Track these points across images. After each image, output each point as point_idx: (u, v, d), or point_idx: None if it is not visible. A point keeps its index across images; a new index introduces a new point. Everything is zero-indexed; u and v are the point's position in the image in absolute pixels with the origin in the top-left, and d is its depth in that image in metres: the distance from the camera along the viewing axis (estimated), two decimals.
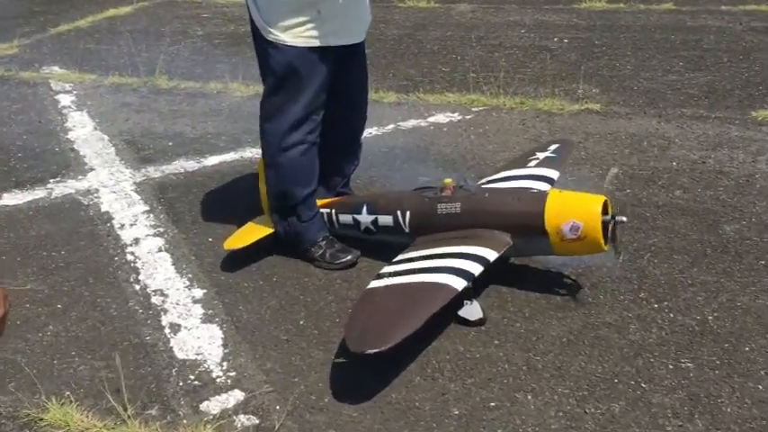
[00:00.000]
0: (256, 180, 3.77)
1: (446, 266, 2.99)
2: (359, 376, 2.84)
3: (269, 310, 3.30)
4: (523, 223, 3.16)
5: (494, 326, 3.09)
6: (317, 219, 3.63)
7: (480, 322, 3.09)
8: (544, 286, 3.33)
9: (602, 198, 3.10)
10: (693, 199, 4.10)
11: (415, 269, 3.04)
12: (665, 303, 3.18)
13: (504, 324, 3.10)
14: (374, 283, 3.03)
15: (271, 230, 3.63)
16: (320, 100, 3.44)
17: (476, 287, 3.06)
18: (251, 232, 3.64)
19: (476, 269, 2.99)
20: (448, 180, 3.38)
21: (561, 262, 3.40)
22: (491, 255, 3.08)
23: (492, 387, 2.75)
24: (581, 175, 4.36)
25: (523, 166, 3.86)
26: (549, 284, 3.34)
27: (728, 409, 2.58)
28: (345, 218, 3.63)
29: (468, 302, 3.06)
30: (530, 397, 2.70)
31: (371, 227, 3.54)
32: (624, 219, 3.08)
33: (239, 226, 3.78)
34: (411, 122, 5.36)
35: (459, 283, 2.90)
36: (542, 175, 3.70)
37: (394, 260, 3.23)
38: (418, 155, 4.83)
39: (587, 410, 2.61)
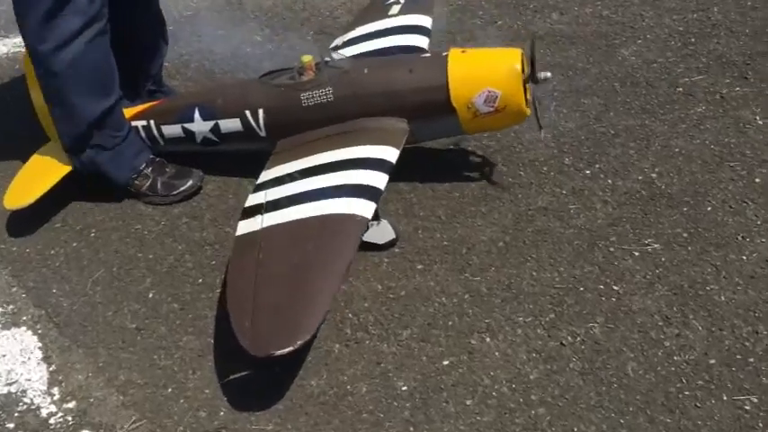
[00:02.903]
0: (25, 85, 2.64)
1: (342, 185, 2.16)
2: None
3: (97, 285, 2.35)
4: (422, 101, 2.36)
5: (408, 243, 2.37)
6: (131, 138, 2.61)
7: (392, 243, 2.36)
8: (448, 172, 2.63)
9: (517, 51, 2.36)
10: (575, 21, 3.48)
11: (298, 196, 2.19)
12: (597, 167, 2.61)
13: (421, 238, 2.39)
14: (245, 227, 2.16)
15: (67, 168, 2.57)
16: None
17: None
18: (38, 176, 2.55)
19: (380, 180, 2.20)
20: (307, 58, 2.46)
21: (459, 137, 2.68)
22: (392, 154, 2.29)
23: (437, 336, 2.08)
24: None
25: (383, 16, 2.99)
26: (453, 168, 2.65)
27: (722, 297, 2.10)
28: (172, 129, 2.63)
29: (375, 223, 2.29)
30: (488, 339, 2.06)
31: (212, 136, 2.58)
32: (548, 74, 2.37)
33: (19, 165, 2.68)
34: None
35: (368, 207, 2.11)
36: (415, 26, 2.87)
37: (260, 181, 2.35)
38: (233, 15, 3.76)
39: (564, 341, 2.03)
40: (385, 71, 2.42)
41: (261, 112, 2.49)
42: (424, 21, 2.92)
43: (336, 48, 2.93)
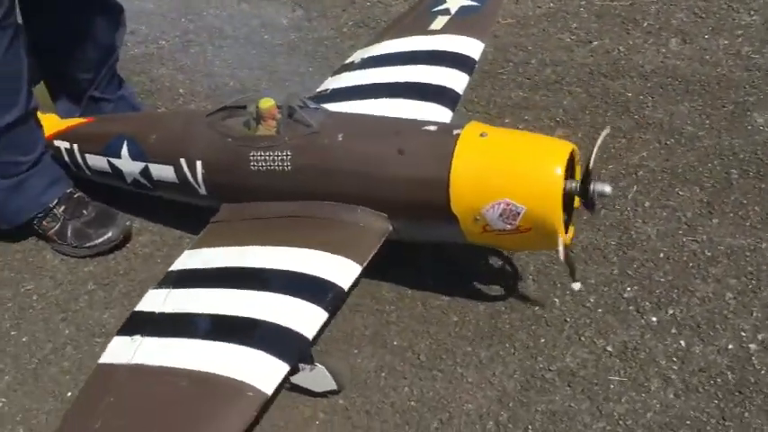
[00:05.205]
0: None
1: (256, 321, 1.45)
2: None
3: None
4: (410, 198, 1.60)
5: (359, 394, 1.64)
6: (44, 165, 1.98)
7: (333, 392, 1.64)
8: (456, 275, 1.86)
9: (566, 148, 1.53)
10: (699, 57, 2.53)
11: (191, 321, 1.50)
12: (670, 313, 1.75)
13: (380, 388, 1.65)
14: (115, 349, 1.50)
15: None
16: None
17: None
18: None
19: (314, 320, 1.47)
20: (267, 102, 1.72)
21: None
22: (348, 274, 1.55)
23: None
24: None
25: (422, 29, 2.19)
26: (465, 267, 1.87)
27: None
28: (97, 161, 1.98)
29: (307, 367, 1.58)
30: None
31: (143, 180, 1.92)
32: (606, 189, 1.53)
33: None
34: None
35: (274, 374, 1.39)
36: (456, 54, 2.07)
37: (174, 268, 1.68)
38: None
39: None
40: (366, 144, 1.65)
41: (199, 164, 1.79)
42: (472, 47, 2.11)
43: (350, 67, 2.17)
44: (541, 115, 2.37)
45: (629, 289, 1.82)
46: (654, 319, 1.76)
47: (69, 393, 1.69)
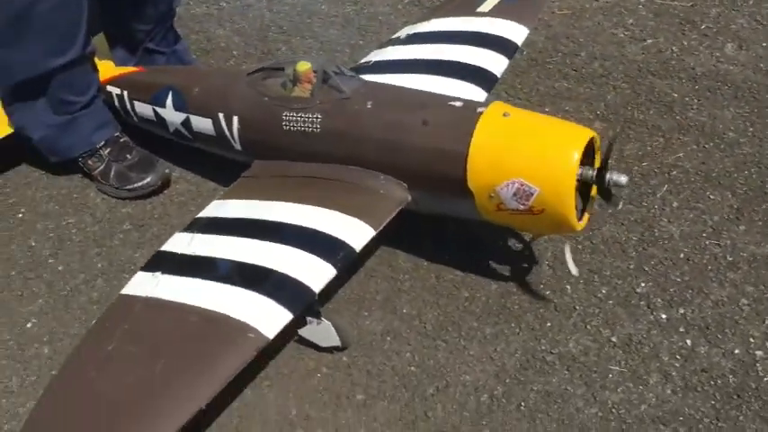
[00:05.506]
0: None
1: (268, 270, 1.53)
2: None
3: None
4: (429, 169, 1.64)
5: (363, 354, 1.71)
6: (95, 108, 2.09)
7: (337, 349, 1.71)
8: (472, 249, 1.90)
9: (584, 134, 1.55)
10: (754, 64, 2.49)
11: (209, 265, 1.58)
12: (680, 312, 1.75)
13: (383, 351, 1.71)
14: (137, 283, 1.60)
15: (7, 131, 2.10)
16: None
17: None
18: None
19: (322, 275, 1.54)
20: (303, 66, 1.78)
21: None
22: (362, 236, 1.61)
23: None
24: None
25: (469, 11, 2.22)
26: (483, 243, 1.91)
27: None
28: (144, 109, 2.08)
29: (314, 321, 1.65)
30: None
31: (183, 130, 2.01)
32: (623, 180, 1.55)
33: None
34: None
35: (277, 320, 1.46)
36: (499, 38, 2.09)
37: (202, 214, 1.78)
38: None
39: None
40: (392, 113, 1.69)
41: (236, 120, 1.87)
42: (517, 32, 2.13)
43: (395, 42, 2.22)
44: (582, 107, 2.37)
45: (642, 284, 1.83)
46: (663, 316, 1.76)
47: (94, 321, 1.80)
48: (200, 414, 1.35)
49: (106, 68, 2.17)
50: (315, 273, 1.53)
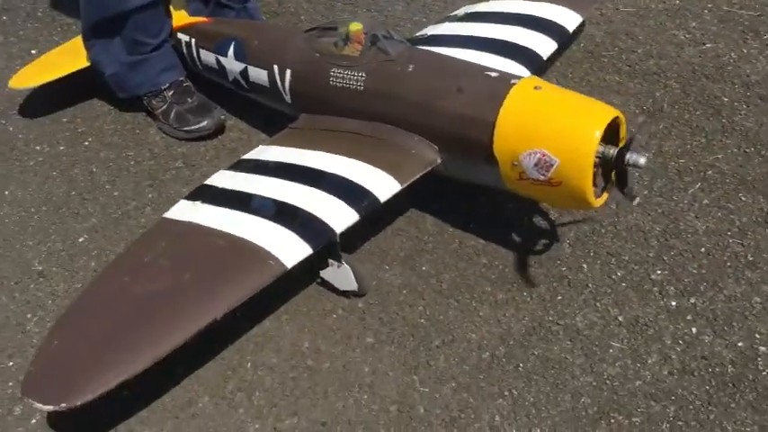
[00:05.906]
0: None
1: (295, 208, 1.65)
2: None
3: (44, 206, 2.07)
4: (458, 134, 1.73)
5: (378, 303, 1.81)
6: (164, 51, 2.25)
7: (355, 294, 1.82)
8: (498, 216, 1.98)
9: (608, 113, 1.61)
10: None
11: (244, 197, 1.71)
12: (691, 301, 1.80)
13: (399, 301, 1.81)
14: (180, 209, 1.75)
15: (84, 64, 2.28)
16: None
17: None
18: (52, 64, 2.30)
19: (345, 218, 1.65)
20: (355, 26, 1.89)
21: None
22: (387, 187, 1.71)
23: None
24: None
25: None
26: (509, 209, 1.99)
27: None
28: (208, 57, 2.23)
29: (335, 264, 1.76)
30: None
31: (241, 80, 2.15)
32: (641, 160, 1.60)
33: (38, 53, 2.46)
34: None
35: (296, 252, 1.58)
36: (550, 22, 2.16)
37: (248, 156, 1.91)
38: None
39: None
40: (430, 77, 1.79)
41: (288, 73, 2.00)
42: (570, 19, 2.20)
43: (452, 18, 2.31)
44: (629, 102, 2.41)
45: (659, 272, 1.87)
46: (674, 303, 1.80)
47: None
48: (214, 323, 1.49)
49: (179, 17, 2.33)
50: (339, 215, 1.64)
